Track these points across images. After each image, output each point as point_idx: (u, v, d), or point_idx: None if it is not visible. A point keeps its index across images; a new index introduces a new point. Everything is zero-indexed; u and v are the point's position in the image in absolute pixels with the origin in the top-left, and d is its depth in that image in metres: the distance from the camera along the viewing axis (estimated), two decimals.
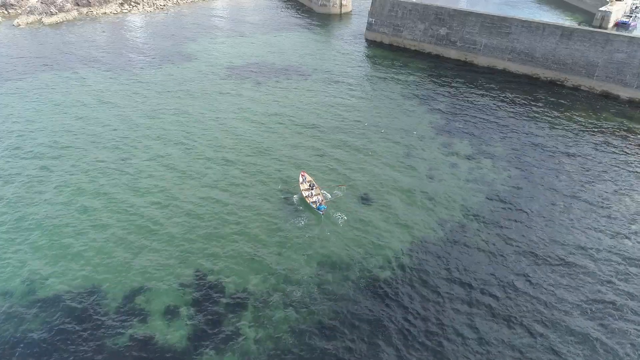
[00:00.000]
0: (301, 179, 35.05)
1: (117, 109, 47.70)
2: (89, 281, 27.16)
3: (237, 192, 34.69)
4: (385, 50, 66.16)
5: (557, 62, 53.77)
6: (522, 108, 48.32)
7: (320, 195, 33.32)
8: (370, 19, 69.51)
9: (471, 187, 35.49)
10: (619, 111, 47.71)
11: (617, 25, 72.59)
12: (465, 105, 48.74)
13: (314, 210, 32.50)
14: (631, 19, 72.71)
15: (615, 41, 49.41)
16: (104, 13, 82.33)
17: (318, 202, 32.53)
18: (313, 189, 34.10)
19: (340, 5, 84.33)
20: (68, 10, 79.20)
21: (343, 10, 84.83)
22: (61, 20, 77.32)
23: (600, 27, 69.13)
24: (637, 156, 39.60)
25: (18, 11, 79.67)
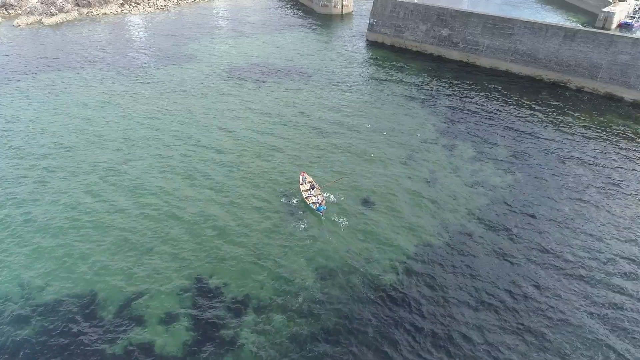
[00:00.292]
0: (301, 180, 34.74)
1: (119, 110, 47.33)
2: (87, 286, 26.76)
3: (238, 194, 34.30)
4: (386, 51, 65.78)
5: (560, 64, 53.37)
6: (525, 110, 47.92)
7: (320, 195, 32.95)
8: (371, 19, 69.12)
9: (475, 190, 35.09)
10: (623, 113, 47.29)
11: (621, 26, 72.12)
12: (467, 107, 48.34)
13: (314, 212, 32.12)
14: (634, 19, 72.23)
15: (619, 42, 49.00)
16: (105, 13, 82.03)
17: (318, 203, 32.19)
18: (313, 189, 33.76)
19: (342, 6, 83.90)
20: (68, 11, 78.88)
21: (344, 10, 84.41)
22: (61, 21, 77.00)
23: (604, 28, 68.68)
24: None
25: (18, 11, 79.36)
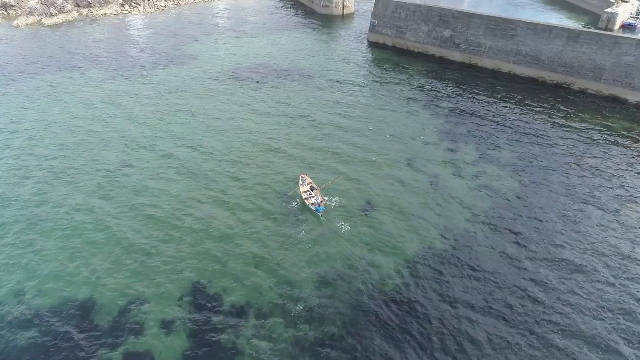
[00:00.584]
0: (301, 181, 34.58)
1: (119, 110, 46.94)
2: (85, 290, 26.36)
3: (238, 196, 33.86)
4: (388, 52, 65.32)
5: (564, 65, 52.88)
6: (528, 111, 47.45)
7: (319, 196, 32.78)
8: (372, 20, 68.64)
9: (479, 193, 34.64)
10: (628, 115, 46.80)
11: (624, 27, 71.54)
12: (470, 109, 47.87)
13: (313, 213, 31.89)
14: (638, 20, 71.62)
15: (623, 44, 48.51)
16: (105, 14, 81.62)
17: (317, 204, 32.03)
18: (313, 190, 33.63)
19: (343, 6, 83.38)
20: (68, 11, 78.49)
21: (345, 11, 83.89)
22: (61, 22, 76.61)
23: (606, 29, 68.15)
24: None
25: (18, 12, 78.99)
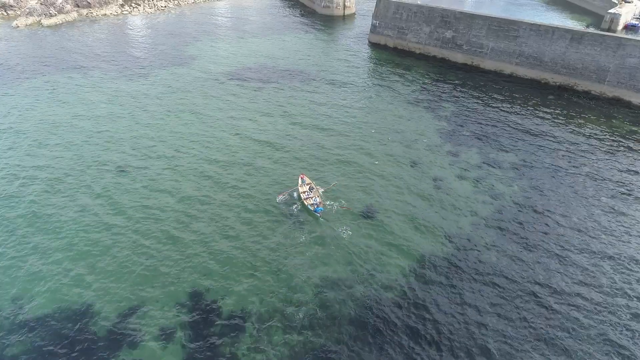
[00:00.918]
0: (300, 182, 34.30)
1: (120, 111, 46.53)
2: (79, 299, 25.93)
3: (238, 197, 33.37)
4: (389, 53, 64.85)
5: (567, 67, 52.37)
6: (531, 113, 46.95)
7: (318, 197, 32.49)
8: (374, 21, 68.19)
9: (483, 196, 34.16)
10: (632, 117, 46.29)
11: (627, 27, 71.09)
12: (472, 111, 47.39)
13: (312, 213, 31.56)
14: None
15: (627, 45, 48.00)
16: (104, 14, 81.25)
17: (316, 204, 31.77)
18: (312, 191, 33.38)
19: (344, 7, 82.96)
20: (68, 12, 78.12)
21: (346, 12, 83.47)
22: (61, 22, 76.23)
23: (609, 30, 67.70)
24: None
25: (17, 12, 78.62)
